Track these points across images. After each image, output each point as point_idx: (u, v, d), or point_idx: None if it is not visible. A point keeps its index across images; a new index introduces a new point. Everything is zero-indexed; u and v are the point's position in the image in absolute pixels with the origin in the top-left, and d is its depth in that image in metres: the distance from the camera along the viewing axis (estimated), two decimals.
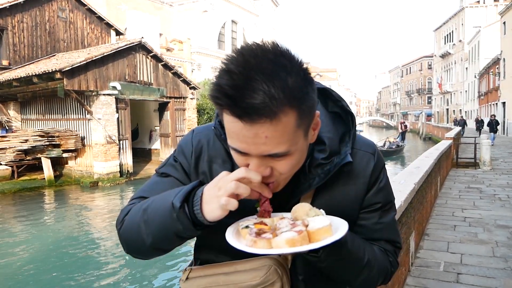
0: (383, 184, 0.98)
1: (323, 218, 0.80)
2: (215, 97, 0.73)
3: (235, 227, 0.85)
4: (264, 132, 0.72)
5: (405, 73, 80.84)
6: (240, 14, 37.71)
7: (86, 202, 13.63)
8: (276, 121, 0.72)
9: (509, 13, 30.48)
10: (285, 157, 0.78)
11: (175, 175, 0.97)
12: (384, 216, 0.99)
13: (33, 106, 18.25)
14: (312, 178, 0.90)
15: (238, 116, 0.71)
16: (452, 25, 52.62)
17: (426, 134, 43.45)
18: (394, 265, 1.01)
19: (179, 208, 0.79)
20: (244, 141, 0.75)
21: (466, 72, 47.82)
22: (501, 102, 31.61)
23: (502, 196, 8.05)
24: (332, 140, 0.91)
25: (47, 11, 19.71)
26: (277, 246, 0.75)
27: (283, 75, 0.71)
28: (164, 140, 20.10)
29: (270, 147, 0.75)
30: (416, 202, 4.52)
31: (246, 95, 0.69)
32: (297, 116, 0.75)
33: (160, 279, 7.10)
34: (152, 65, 18.24)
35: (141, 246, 0.89)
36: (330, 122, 0.94)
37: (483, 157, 12.10)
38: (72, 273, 7.34)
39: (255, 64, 0.70)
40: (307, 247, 0.75)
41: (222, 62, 0.75)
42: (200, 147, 0.97)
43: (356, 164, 0.94)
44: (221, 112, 0.77)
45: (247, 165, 0.79)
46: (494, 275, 4.10)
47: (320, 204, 0.89)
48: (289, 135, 0.75)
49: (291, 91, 0.72)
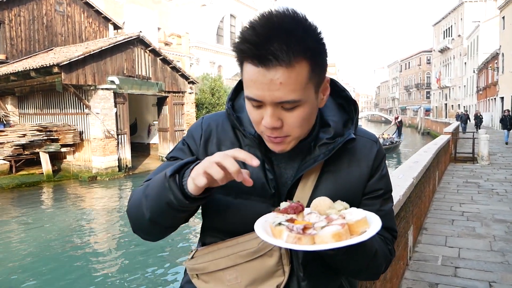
0: (385, 172, 1.04)
1: (359, 210, 0.82)
2: (239, 45, 0.82)
3: (263, 224, 0.83)
4: (279, 78, 0.79)
5: (403, 68, 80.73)
6: (239, 8, 37.56)
7: (84, 197, 13.64)
8: (290, 69, 0.79)
9: (508, 8, 30.42)
10: (296, 109, 0.84)
11: (183, 157, 1.00)
12: (385, 204, 1.03)
13: (31, 100, 18.19)
14: (317, 155, 0.95)
15: (258, 60, 0.79)
16: (451, 19, 52.49)
17: (425, 129, 43.47)
18: (393, 253, 1.04)
19: (169, 177, 0.83)
20: (260, 88, 0.81)
21: (464, 67, 47.78)
22: (499, 97, 31.62)
23: (500, 191, 8.08)
24: (336, 123, 0.98)
25: (44, 5, 19.57)
26: (322, 241, 0.75)
27: (301, 32, 0.80)
28: (163, 135, 20.08)
29: (283, 93, 0.80)
30: (414, 197, 4.53)
31: (266, 43, 0.77)
32: (309, 69, 0.82)
33: (160, 271, 7.12)
34: (150, 60, 18.18)
35: (142, 221, 0.92)
36: (335, 108, 1.01)
37: (481, 152, 12.13)
38: (71, 268, 7.35)
39: (277, 21, 0.79)
40: (354, 240, 0.75)
41: (248, 22, 0.83)
42: (210, 130, 1.02)
43: (359, 148, 1.00)
44: (241, 66, 0.85)
45: (262, 119, 0.85)
46: (492, 269, 4.12)
47: (326, 185, 0.96)
48: (301, 84, 0.82)
49: (307, 45, 0.80)
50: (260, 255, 0.93)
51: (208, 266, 0.98)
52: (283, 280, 0.94)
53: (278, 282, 0.94)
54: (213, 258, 0.97)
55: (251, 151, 0.95)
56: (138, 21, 21.32)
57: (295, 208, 0.83)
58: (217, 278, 0.97)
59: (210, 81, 25.36)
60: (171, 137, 19.71)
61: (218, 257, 0.97)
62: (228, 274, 0.96)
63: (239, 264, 0.95)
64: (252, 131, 0.95)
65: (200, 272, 1.00)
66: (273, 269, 0.94)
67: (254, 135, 0.95)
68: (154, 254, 7.84)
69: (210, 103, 23.95)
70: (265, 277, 0.94)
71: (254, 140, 0.95)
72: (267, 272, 0.94)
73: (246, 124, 0.97)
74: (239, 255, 0.94)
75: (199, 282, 1.01)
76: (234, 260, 0.95)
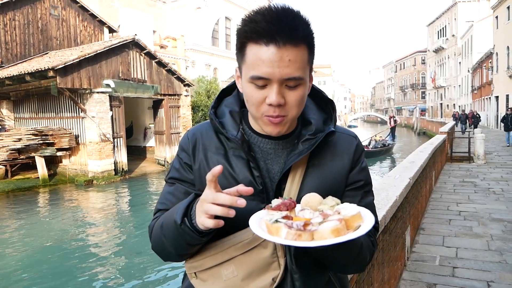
0: (365, 165, 1.11)
1: (352, 205, 0.83)
2: (245, 27, 0.90)
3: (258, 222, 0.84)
4: (288, 55, 0.87)
5: (399, 68, 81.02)
6: (234, 10, 37.56)
7: (80, 201, 13.57)
8: (297, 48, 0.88)
9: (501, 8, 30.60)
10: (298, 88, 0.92)
11: (180, 177, 1.08)
12: (366, 196, 1.09)
13: (26, 104, 18.10)
14: (301, 150, 1.01)
15: (269, 38, 0.86)
16: (445, 19, 52.73)
17: (421, 129, 43.62)
18: (375, 245, 1.08)
19: (180, 224, 0.90)
20: (270, 65, 0.87)
21: (459, 67, 47.99)
22: (494, 96, 31.77)
23: (497, 190, 8.11)
24: (317, 121, 1.05)
25: (39, 9, 19.51)
26: (321, 237, 0.76)
27: (303, 22, 0.90)
28: (159, 138, 20.03)
29: (292, 70, 0.88)
30: (411, 197, 4.53)
31: (277, 23, 0.86)
32: (308, 53, 0.92)
33: (158, 276, 7.09)
34: (145, 63, 18.14)
35: (170, 255, 1.02)
36: (315, 108, 1.10)
37: (477, 151, 12.17)
38: (67, 273, 7.31)
39: (281, 8, 0.89)
40: (353, 234, 0.77)
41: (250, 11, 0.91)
42: (195, 138, 1.08)
43: (340, 143, 1.08)
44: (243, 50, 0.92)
45: (264, 99, 0.91)
46: (490, 269, 4.13)
47: (312, 178, 1.01)
48: (304, 63, 0.91)
49: (308, 33, 0.91)
50: (255, 246, 0.96)
51: (205, 263, 1.01)
52: (279, 273, 0.97)
53: (274, 275, 0.97)
54: (209, 254, 1.00)
55: (236, 153, 1.02)
56: (133, 24, 21.25)
57: (288, 205, 0.84)
58: (215, 274, 1.00)
59: (205, 84, 25.34)
60: (167, 140, 19.67)
61: (214, 252, 1.00)
62: (225, 268, 0.99)
63: (235, 257, 0.98)
64: (235, 133, 1.01)
65: (198, 269, 1.03)
66: (268, 260, 0.97)
67: (237, 136, 1.00)
68: (151, 258, 7.80)
69: (206, 106, 23.91)
70: (261, 269, 0.97)
71: (237, 141, 1.00)
72: (262, 264, 0.97)
73: (228, 128, 1.03)
74: (234, 248, 0.98)
75: (198, 282, 1.03)
76: (230, 254, 0.98)
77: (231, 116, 1.05)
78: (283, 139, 1.03)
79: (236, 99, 1.10)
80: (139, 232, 9.76)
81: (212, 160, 1.03)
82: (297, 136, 1.04)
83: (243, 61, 0.93)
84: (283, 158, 1.03)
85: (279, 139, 1.03)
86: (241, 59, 0.94)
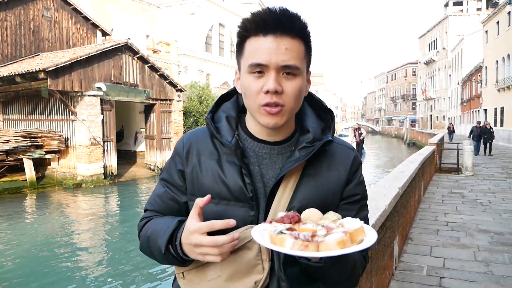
0: (362, 179, 1.11)
1: (354, 220, 0.84)
2: (245, 24, 0.95)
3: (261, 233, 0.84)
4: (285, 44, 0.92)
5: (390, 79, 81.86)
6: (228, 17, 37.70)
7: (68, 204, 13.41)
8: (294, 40, 0.93)
9: (491, 22, 31.17)
10: (294, 78, 0.95)
11: (170, 180, 1.10)
12: (361, 211, 1.09)
13: (16, 106, 17.91)
14: (297, 157, 1.01)
15: (267, 29, 0.92)
16: (436, 32, 53.55)
17: (410, 139, 43.96)
18: (367, 259, 1.09)
19: (164, 252, 0.96)
20: (267, 52, 0.91)
21: (449, 79, 48.67)
22: (482, 109, 32.23)
23: (484, 201, 8.19)
24: (315, 129, 1.06)
25: (31, 10, 19.36)
26: (327, 248, 0.76)
27: (301, 21, 0.95)
28: (150, 142, 19.94)
29: (288, 57, 0.92)
30: (400, 207, 4.56)
31: (276, 17, 0.92)
32: (304, 49, 0.97)
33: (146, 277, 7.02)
34: (138, 67, 18.10)
35: (160, 263, 1.06)
36: (314, 116, 1.10)
37: (465, 163, 12.31)
38: (54, 275, 7.20)
39: (280, 8, 0.94)
40: (358, 247, 0.78)
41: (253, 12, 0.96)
42: (190, 143, 1.09)
43: (338, 154, 1.08)
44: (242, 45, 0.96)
45: (261, 88, 0.93)
46: (476, 279, 4.16)
47: (306, 187, 1.01)
48: (300, 55, 0.95)
49: (305, 31, 0.96)
50: (240, 247, 0.95)
51: (192, 263, 1.02)
52: (262, 277, 0.96)
53: (257, 278, 0.96)
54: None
55: (229, 158, 1.02)
56: (127, 28, 21.25)
57: (291, 218, 0.85)
58: (201, 275, 1.01)
59: (198, 89, 25.31)
60: (158, 145, 19.57)
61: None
62: (210, 269, 0.99)
63: None
64: (229, 139, 1.02)
65: (186, 269, 1.04)
66: (252, 262, 0.96)
67: (231, 142, 1.01)
68: (140, 260, 7.72)
69: (198, 111, 23.88)
70: (245, 271, 0.96)
71: (231, 147, 1.00)
72: (246, 266, 0.96)
73: (223, 133, 1.04)
74: None
75: (184, 283, 1.04)
76: None
77: (227, 122, 1.06)
78: (278, 145, 1.04)
79: (234, 105, 1.11)
80: (127, 236, 9.66)
81: (205, 165, 1.03)
82: (294, 143, 1.05)
83: (242, 56, 0.97)
84: (278, 164, 1.03)
85: (275, 144, 1.04)
86: (241, 55, 0.98)
